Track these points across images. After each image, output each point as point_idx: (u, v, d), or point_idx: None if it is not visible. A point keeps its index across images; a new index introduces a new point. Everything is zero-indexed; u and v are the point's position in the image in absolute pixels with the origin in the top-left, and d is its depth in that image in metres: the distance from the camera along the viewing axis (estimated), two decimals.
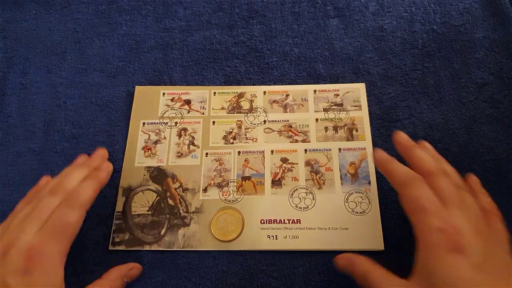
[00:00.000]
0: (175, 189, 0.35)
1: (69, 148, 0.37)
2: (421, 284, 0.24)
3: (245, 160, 0.36)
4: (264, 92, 0.39)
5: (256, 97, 0.39)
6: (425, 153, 0.29)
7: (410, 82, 0.38)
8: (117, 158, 0.37)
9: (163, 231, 0.33)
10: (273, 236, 0.33)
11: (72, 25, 0.43)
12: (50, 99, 0.39)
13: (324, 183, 0.35)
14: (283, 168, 0.35)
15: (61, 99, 0.39)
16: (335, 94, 0.38)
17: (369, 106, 0.38)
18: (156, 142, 0.37)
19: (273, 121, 0.38)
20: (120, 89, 0.40)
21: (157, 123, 0.38)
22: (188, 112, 0.38)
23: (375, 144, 0.36)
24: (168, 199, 0.35)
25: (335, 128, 0.37)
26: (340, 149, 0.36)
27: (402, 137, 0.31)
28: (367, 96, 0.38)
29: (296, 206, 0.34)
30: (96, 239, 0.34)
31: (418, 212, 0.25)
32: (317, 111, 0.38)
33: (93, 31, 0.42)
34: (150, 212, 0.34)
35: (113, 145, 0.37)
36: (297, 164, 0.35)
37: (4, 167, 0.37)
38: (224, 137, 0.37)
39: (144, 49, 0.41)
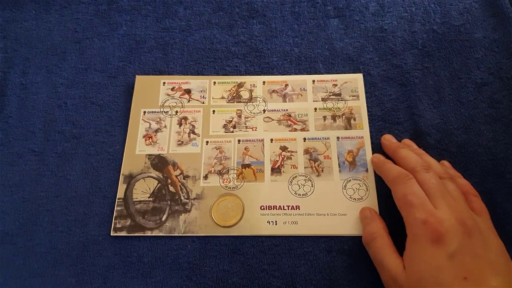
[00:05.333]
0: (176, 176, 0.36)
1: (69, 149, 0.37)
2: (408, 268, 0.27)
3: (245, 148, 0.36)
4: (264, 82, 0.39)
5: (256, 87, 0.39)
6: (408, 151, 0.32)
7: (411, 81, 0.38)
8: (117, 158, 0.37)
9: (164, 217, 0.34)
10: (272, 221, 0.33)
11: (72, 25, 0.43)
12: (50, 99, 0.39)
13: (322, 170, 0.35)
14: (283, 156, 0.36)
15: (62, 99, 0.39)
16: (333, 84, 0.39)
17: (370, 107, 0.38)
18: (156, 131, 0.38)
19: (272, 110, 0.38)
20: (121, 89, 0.40)
21: (158, 112, 0.38)
22: (188, 101, 0.39)
23: (377, 146, 0.36)
24: (169, 186, 0.35)
25: (333, 117, 0.37)
26: (338, 138, 0.36)
27: (387, 139, 0.35)
28: (368, 97, 0.38)
29: (295, 193, 0.34)
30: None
31: (406, 207, 0.28)
32: (316, 101, 0.38)
33: (93, 31, 0.42)
34: (151, 199, 0.35)
35: (113, 145, 0.37)
36: (296, 152, 0.36)
37: (4, 167, 0.37)
38: (224, 126, 0.38)
39: (144, 49, 0.41)
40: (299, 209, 0.34)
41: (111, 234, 0.34)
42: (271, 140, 0.37)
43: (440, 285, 0.25)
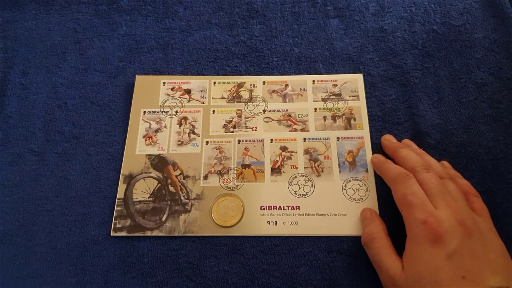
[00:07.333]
0: (176, 176, 0.36)
1: (69, 149, 0.37)
2: (407, 268, 0.27)
3: (245, 149, 0.37)
4: (264, 82, 0.39)
5: (256, 87, 0.39)
6: (409, 151, 0.32)
7: (411, 81, 0.38)
8: (117, 158, 0.37)
9: (164, 217, 0.34)
10: (272, 222, 0.33)
11: (72, 25, 0.43)
12: (50, 99, 0.39)
13: (322, 171, 0.35)
14: (283, 156, 0.36)
15: (61, 99, 0.39)
16: (333, 85, 0.39)
17: (370, 107, 0.38)
18: (156, 131, 0.38)
19: (272, 110, 0.38)
20: (121, 89, 0.40)
21: (158, 112, 0.38)
22: (188, 101, 0.39)
23: (378, 147, 0.36)
24: (169, 186, 0.35)
25: (334, 118, 0.37)
26: (338, 138, 0.36)
27: (387, 139, 0.35)
28: (368, 97, 0.38)
29: (295, 193, 0.34)
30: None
31: (406, 207, 0.28)
32: (316, 101, 0.38)
33: (93, 31, 0.42)
34: (151, 199, 0.35)
35: (113, 145, 0.37)
36: (296, 152, 0.36)
37: (4, 167, 0.37)
38: (224, 126, 0.38)
39: (144, 49, 0.41)
40: (299, 209, 0.34)
41: (111, 234, 0.34)
42: (271, 140, 0.37)
43: (438, 285, 0.25)
